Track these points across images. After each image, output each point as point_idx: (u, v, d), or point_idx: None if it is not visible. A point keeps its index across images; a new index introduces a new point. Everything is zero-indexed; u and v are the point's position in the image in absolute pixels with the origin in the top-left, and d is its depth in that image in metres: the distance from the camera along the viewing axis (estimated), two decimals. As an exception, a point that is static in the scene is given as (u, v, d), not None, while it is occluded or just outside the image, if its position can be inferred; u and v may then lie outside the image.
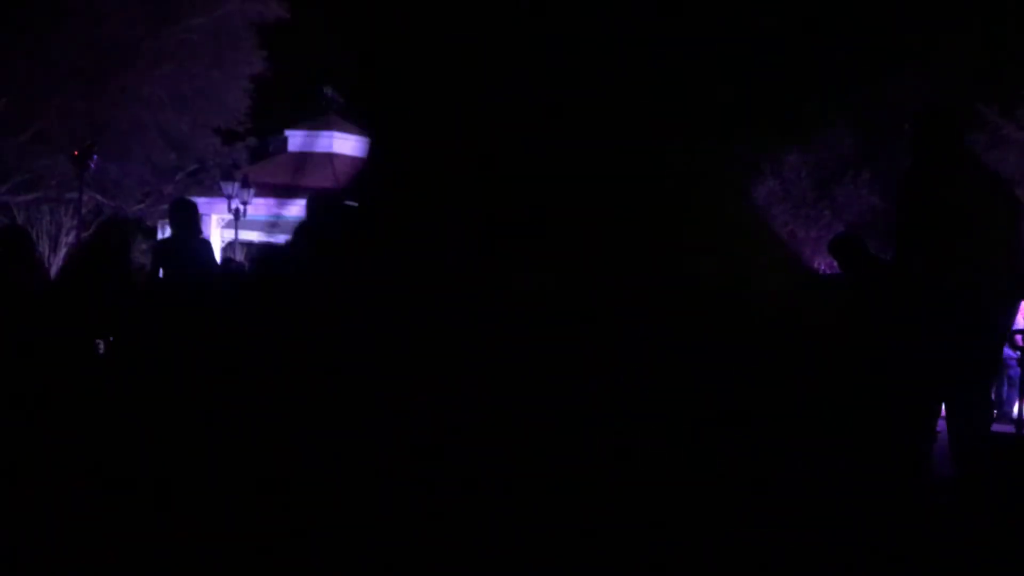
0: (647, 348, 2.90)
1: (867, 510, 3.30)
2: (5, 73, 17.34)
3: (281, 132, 25.01)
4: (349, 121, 25.98)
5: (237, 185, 19.30)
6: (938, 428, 4.33)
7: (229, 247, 21.65)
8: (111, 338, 6.74)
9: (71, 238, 22.47)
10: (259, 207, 19.05)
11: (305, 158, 22.94)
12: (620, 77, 3.10)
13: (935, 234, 3.80)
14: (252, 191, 19.55)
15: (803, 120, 26.46)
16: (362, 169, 3.48)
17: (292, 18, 21.10)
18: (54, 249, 22.78)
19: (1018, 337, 9.04)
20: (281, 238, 6.01)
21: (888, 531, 3.36)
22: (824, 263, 25.11)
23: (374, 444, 3.72)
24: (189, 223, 6.88)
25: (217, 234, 20.16)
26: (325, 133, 24.13)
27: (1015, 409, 9.14)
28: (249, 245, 20.58)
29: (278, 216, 17.15)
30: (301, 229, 4.83)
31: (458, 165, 3.11)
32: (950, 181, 3.88)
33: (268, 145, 25.51)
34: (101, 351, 6.62)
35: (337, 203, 5.77)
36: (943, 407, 4.12)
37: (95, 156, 15.49)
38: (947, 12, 25.78)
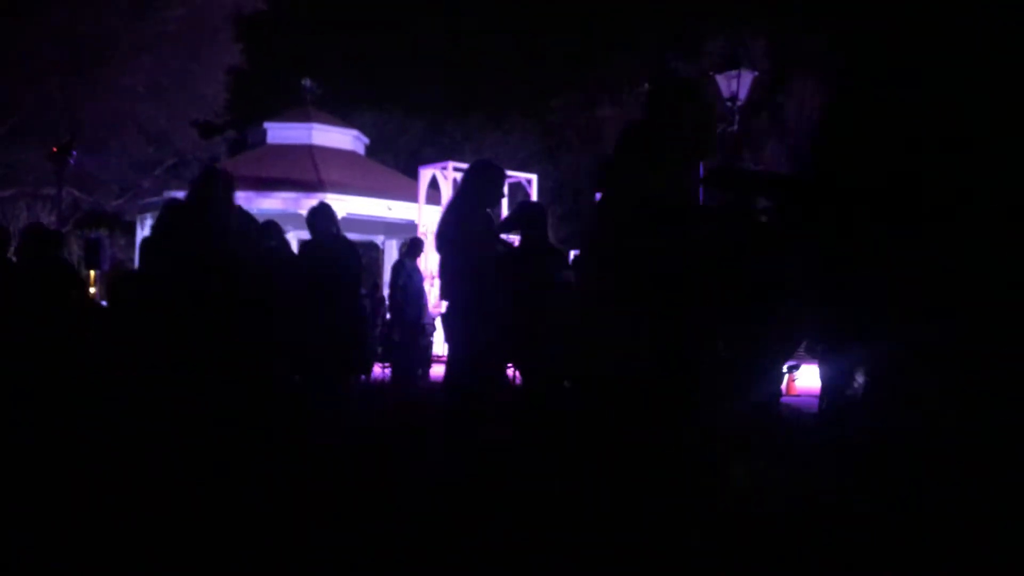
0: None
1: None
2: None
3: (260, 124, 24.85)
4: (328, 112, 25.92)
5: (217, 178, 19.15)
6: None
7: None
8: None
9: (49, 234, 22.28)
10: (239, 200, 18.89)
11: (285, 150, 22.82)
12: None
13: None
14: (232, 185, 19.43)
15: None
16: None
17: (270, 10, 20.96)
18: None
19: None
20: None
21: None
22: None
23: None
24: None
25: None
26: (304, 125, 24.02)
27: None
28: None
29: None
30: None
31: None
32: None
33: (247, 138, 25.34)
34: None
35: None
36: None
37: (74, 152, 15.29)
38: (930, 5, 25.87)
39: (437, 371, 10.42)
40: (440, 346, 10.73)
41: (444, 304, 5.34)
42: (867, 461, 3.79)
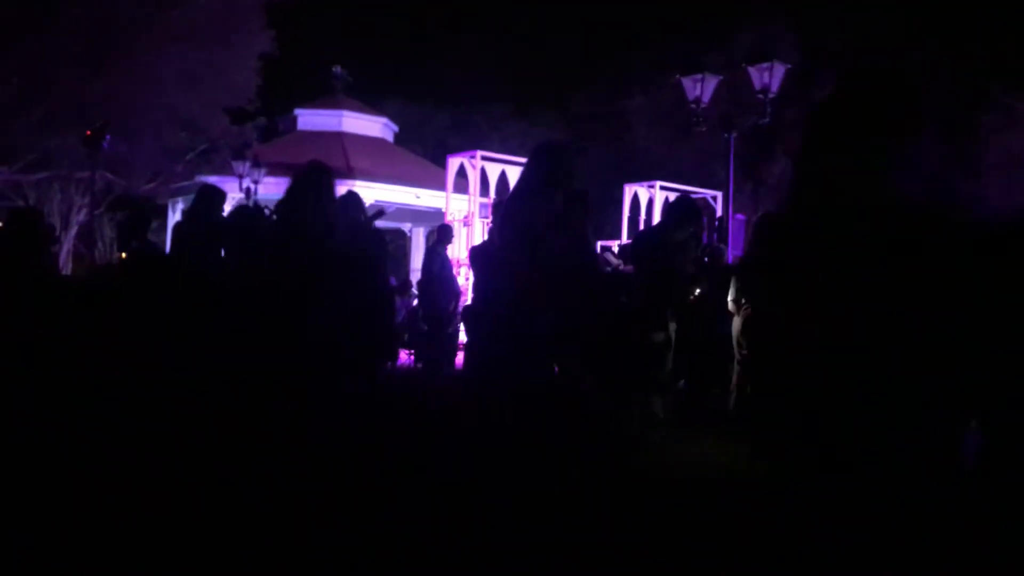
0: None
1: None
2: (15, 53, 17.36)
3: (290, 111, 25.00)
4: (358, 100, 26.02)
5: (248, 164, 19.33)
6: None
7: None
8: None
9: (82, 216, 22.56)
10: (270, 186, 19.11)
11: (315, 137, 22.97)
12: None
13: None
14: (263, 170, 19.60)
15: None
16: None
17: (300, -4, 21.08)
18: (65, 227, 22.88)
19: None
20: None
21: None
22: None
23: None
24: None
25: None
26: (334, 112, 24.15)
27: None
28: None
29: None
30: None
31: None
32: None
33: (278, 124, 25.51)
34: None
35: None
36: None
37: (108, 136, 15.50)
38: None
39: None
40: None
41: (471, 295, 5.27)
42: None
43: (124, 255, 7.23)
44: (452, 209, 16.71)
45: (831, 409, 2.72)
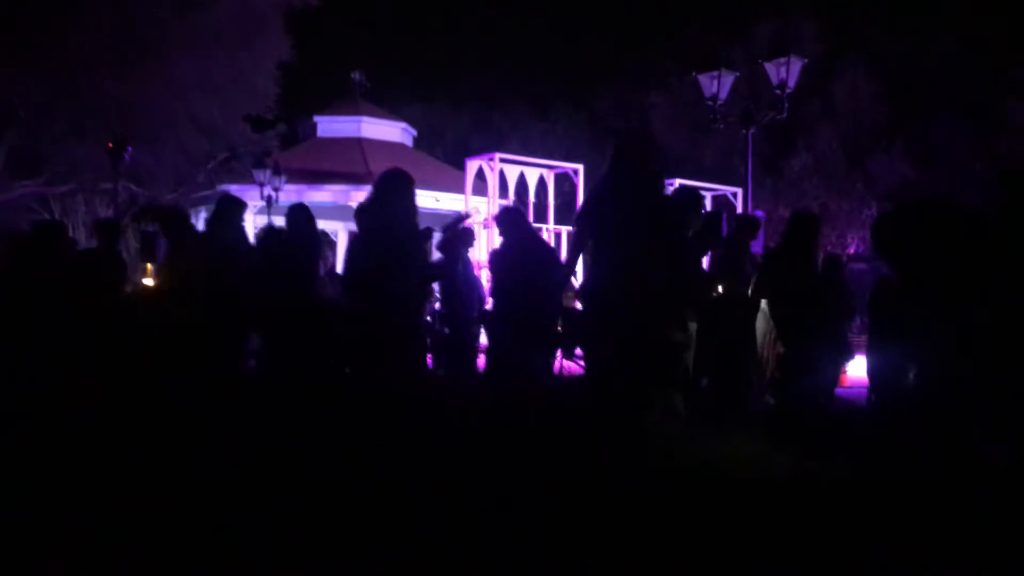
0: None
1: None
2: (38, 63, 17.53)
3: (310, 118, 25.11)
4: (377, 105, 26.10)
5: (269, 172, 19.44)
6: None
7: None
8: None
9: (107, 227, 22.77)
10: (291, 193, 19.20)
11: (334, 143, 23.06)
12: None
13: None
14: (284, 178, 19.71)
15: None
16: None
17: (319, 3, 21.16)
18: (89, 239, 23.13)
19: None
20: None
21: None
22: (857, 237, 24.91)
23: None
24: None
25: (250, 221, 20.32)
26: (353, 118, 24.23)
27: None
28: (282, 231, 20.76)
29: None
30: None
31: None
32: None
33: (297, 131, 25.63)
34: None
35: None
36: None
37: (129, 147, 15.68)
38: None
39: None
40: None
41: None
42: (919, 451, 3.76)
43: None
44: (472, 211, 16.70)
45: None
